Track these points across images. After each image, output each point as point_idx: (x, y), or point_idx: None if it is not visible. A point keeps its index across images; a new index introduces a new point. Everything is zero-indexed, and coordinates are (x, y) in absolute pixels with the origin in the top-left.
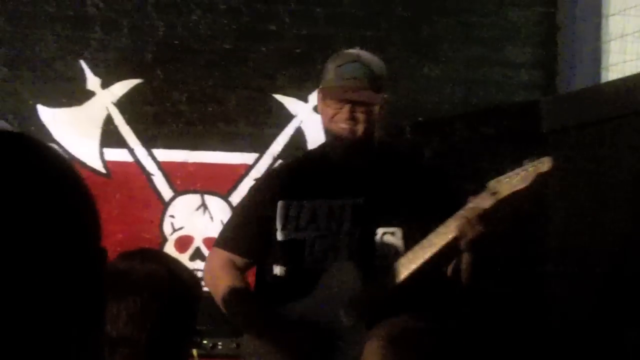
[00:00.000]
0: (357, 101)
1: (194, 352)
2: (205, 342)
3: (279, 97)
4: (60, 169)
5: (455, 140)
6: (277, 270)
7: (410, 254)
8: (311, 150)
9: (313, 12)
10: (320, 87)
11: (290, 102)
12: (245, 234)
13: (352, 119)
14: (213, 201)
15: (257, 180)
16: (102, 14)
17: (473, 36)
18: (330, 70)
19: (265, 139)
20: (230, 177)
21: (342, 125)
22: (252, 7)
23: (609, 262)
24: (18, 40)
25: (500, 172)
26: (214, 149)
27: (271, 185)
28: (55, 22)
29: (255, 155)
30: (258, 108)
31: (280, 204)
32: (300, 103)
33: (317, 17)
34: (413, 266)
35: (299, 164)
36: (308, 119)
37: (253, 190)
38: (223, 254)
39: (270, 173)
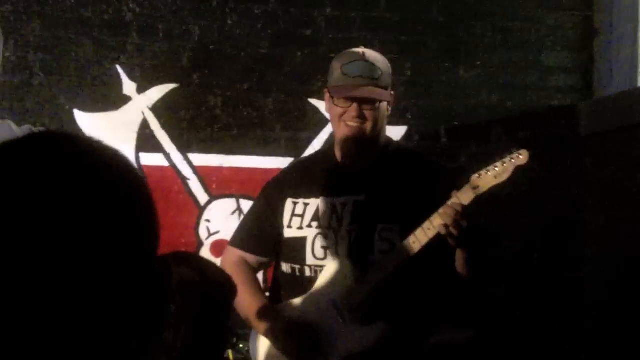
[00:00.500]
0: (364, 99)
1: (230, 355)
2: (241, 345)
3: (314, 101)
4: (131, 183)
5: (492, 144)
6: (284, 267)
7: (397, 249)
8: (320, 150)
9: (349, 17)
10: (328, 86)
11: (325, 107)
12: (256, 233)
13: (361, 116)
14: (249, 205)
15: (268, 181)
16: (139, 19)
17: (510, 40)
18: (336, 69)
19: (300, 143)
20: (266, 181)
21: (350, 124)
22: (287, 12)
23: None
24: (55, 46)
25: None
26: (250, 154)
27: (281, 185)
28: (92, 27)
29: (290, 160)
30: (293, 112)
31: (288, 202)
32: None
33: (352, 22)
34: (400, 261)
35: (308, 164)
36: None
37: (265, 190)
38: (235, 252)
39: (280, 174)
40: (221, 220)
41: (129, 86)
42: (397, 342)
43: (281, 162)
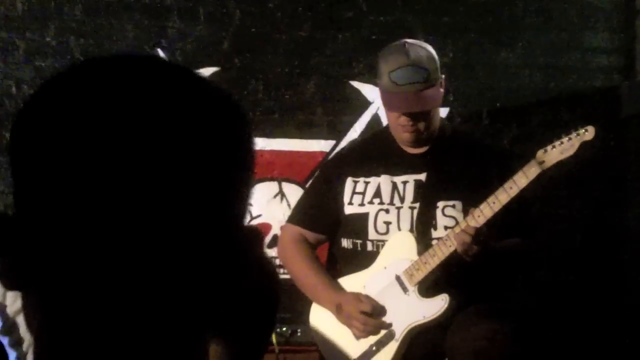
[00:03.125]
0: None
1: (273, 338)
2: (284, 329)
3: (355, 84)
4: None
5: (534, 126)
6: (344, 242)
7: (462, 224)
8: (376, 132)
9: None
10: (379, 88)
11: (366, 89)
12: (316, 211)
13: (413, 125)
14: (290, 189)
15: (326, 161)
16: (180, 3)
17: (551, 22)
18: (384, 74)
19: (342, 126)
20: (307, 164)
21: (404, 135)
22: None
23: None
24: (96, 31)
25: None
26: (291, 137)
27: (340, 164)
28: (133, 11)
29: (332, 143)
30: (335, 95)
31: (348, 181)
32: (377, 90)
33: (394, 4)
34: (478, 221)
35: (366, 145)
36: None
37: (323, 169)
38: (295, 229)
39: (339, 153)
40: (263, 203)
41: None
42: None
43: (323, 146)
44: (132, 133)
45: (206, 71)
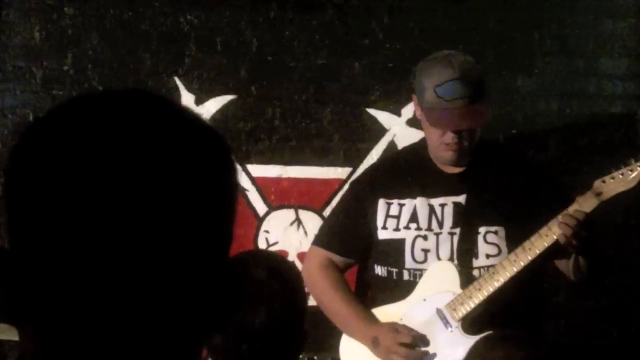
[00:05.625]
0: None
1: None
2: (301, 356)
3: (372, 111)
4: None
5: (551, 153)
6: (378, 270)
7: (512, 256)
8: (409, 148)
9: (406, 27)
10: (419, 101)
11: (383, 116)
12: (344, 233)
13: (458, 143)
14: (307, 216)
15: (356, 178)
16: (196, 32)
17: (567, 48)
18: (428, 89)
19: (358, 153)
20: (325, 191)
21: (446, 154)
22: (345, 22)
23: None
24: (113, 59)
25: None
26: (308, 164)
27: (371, 183)
28: (150, 40)
29: (349, 170)
30: (351, 123)
31: (380, 202)
32: (394, 117)
33: (410, 31)
34: (514, 269)
35: (398, 162)
36: (401, 133)
37: (353, 188)
38: (322, 253)
39: (369, 170)
40: (280, 231)
41: (187, 98)
42: None
43: (340, 173)
44: (118, 171)
45: (223, 99)
